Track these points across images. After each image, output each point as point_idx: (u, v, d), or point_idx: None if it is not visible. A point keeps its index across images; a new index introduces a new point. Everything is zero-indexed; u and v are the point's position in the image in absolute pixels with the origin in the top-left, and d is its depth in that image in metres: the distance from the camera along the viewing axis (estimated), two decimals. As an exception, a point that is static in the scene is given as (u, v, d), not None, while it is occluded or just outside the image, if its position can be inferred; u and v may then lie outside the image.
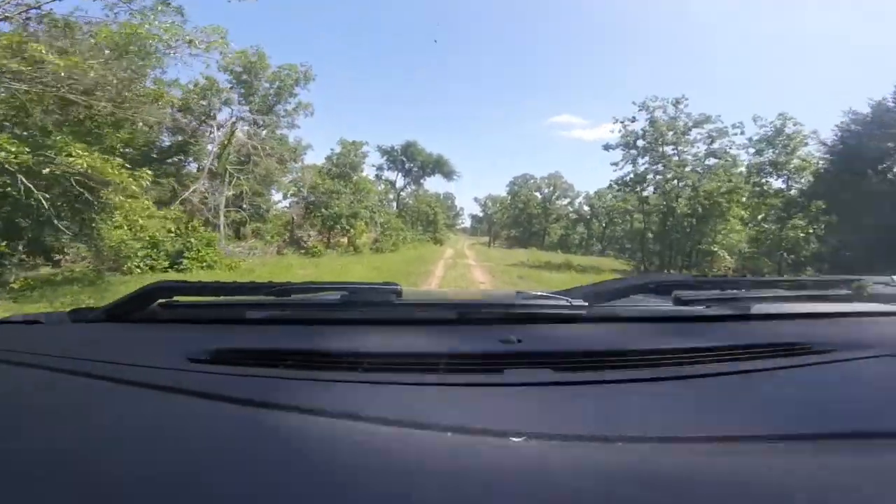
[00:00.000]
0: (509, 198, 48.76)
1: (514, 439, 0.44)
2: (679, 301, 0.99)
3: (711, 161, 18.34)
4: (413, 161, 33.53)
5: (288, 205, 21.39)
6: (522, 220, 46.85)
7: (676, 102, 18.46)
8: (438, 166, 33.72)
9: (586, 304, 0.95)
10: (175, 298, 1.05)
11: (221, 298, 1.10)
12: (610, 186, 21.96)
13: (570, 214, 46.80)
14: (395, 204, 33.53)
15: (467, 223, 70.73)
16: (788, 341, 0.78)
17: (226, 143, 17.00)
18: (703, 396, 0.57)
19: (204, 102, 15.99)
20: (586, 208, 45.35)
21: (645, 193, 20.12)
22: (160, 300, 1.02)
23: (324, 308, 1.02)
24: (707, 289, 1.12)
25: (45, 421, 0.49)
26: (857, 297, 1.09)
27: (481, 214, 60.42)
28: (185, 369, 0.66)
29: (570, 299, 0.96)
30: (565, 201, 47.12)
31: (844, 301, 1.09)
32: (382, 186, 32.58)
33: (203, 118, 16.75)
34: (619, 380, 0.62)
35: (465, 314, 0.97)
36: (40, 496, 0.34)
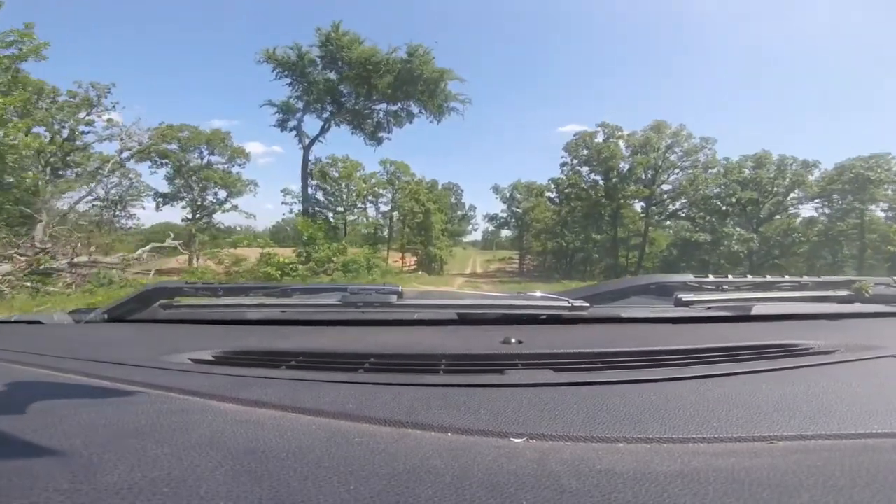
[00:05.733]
0: (564, 176, 25.54)
1: (514, 440, 0.45)
2: (680, 302, 0.99)
3: None
4: (343, 69, 12.60)
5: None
6: (604, 215, 24.42)
7: None
8: (410, 76, 12.44)
9: (587, 305, 0.97)
10: (176, 299, 1.11)
11: (222, 300, 1.11)
12: None
13: (692, 204, 24.61)
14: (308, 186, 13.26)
15: (478, 235, 49.02)
16: (789, 342, 0.79)
17: None
18: (704, 397, 0.57)
19: None
20: (715, 189, 23.46)
21: None
22: (161, 301, 1.08)
23: (324, 309, 1.03)
24: (708, 290, 1.11)
25: (45, 421, 0.48)
26: (857, 299, 1.11)
27: (504, 215, 35.44)
28: (187, 370, 0.67)
29: (570, 300, 0.98)
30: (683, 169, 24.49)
31: (845, 302, 1.11)
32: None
33: None
34: (620, 381, 0.62)
35: (466, 315, 1.02)
36: (41, 495, 0.34)
